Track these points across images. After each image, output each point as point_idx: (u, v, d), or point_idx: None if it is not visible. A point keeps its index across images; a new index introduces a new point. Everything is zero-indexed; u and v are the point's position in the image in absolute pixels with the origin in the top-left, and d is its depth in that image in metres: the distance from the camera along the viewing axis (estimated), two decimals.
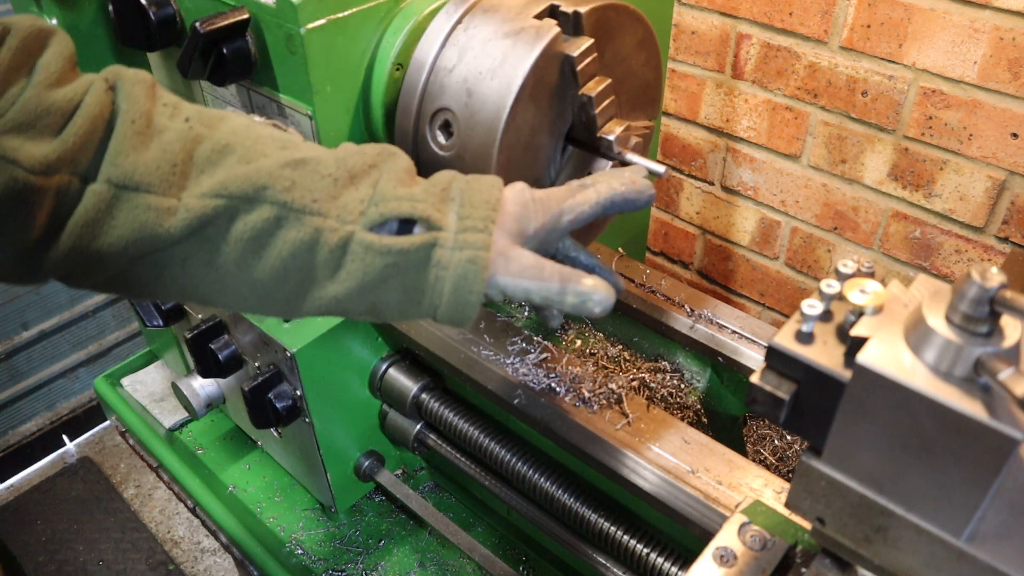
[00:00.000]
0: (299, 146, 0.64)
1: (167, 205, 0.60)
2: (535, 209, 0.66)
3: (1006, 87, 1.20)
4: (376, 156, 0.65)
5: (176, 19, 0.96)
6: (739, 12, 1.44)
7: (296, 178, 0.61)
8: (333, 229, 0.61)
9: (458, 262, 0.61)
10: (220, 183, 0.60)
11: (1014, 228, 1.30)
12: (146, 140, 0.60)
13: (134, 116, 0.60)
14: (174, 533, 2.50)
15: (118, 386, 1.49)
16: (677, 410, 1.12)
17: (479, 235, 0.62)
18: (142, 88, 0.62)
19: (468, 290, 0.62)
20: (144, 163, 0.59)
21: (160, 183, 0.59)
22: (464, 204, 0.63)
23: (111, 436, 2.82)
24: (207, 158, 0.61)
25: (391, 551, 1.21)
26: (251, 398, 1.06)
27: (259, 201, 0.60)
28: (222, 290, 0.63)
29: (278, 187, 0.61)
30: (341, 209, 0.61)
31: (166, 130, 0.61)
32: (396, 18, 0.92)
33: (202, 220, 0.60)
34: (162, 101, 0.63)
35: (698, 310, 1.09)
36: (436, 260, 0.61)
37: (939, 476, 0.48)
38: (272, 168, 0.61)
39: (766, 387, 0.54)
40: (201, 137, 0.62)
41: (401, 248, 0.61)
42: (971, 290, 0.45)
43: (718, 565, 0.70)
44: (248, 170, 0.61)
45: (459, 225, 0.62)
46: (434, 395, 1.13)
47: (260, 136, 0.64)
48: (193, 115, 0.63)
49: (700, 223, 1.74)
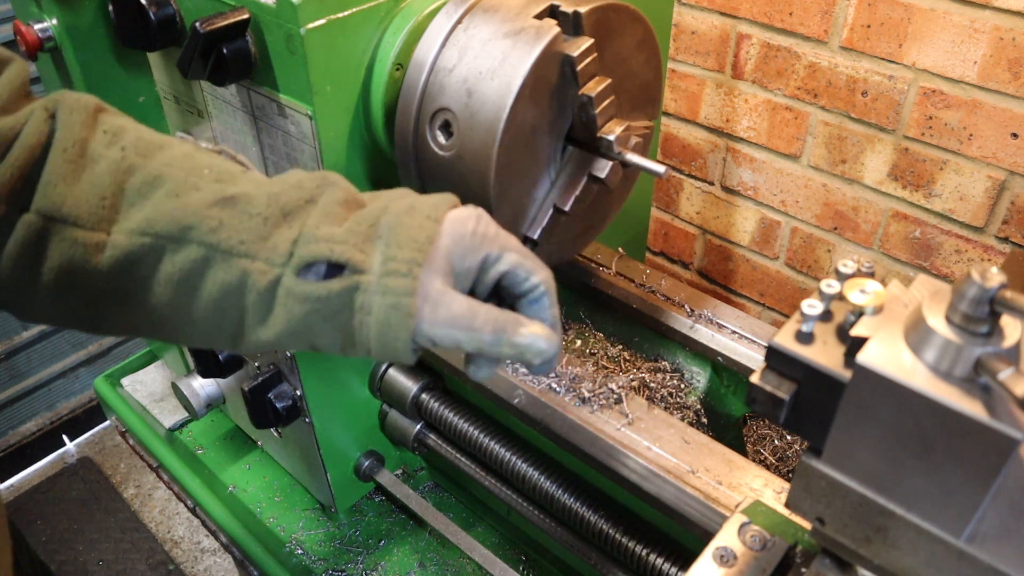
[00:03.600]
0: (236, 179, 0.61)
1: (95, 240, 0.58)
2: (472, 244, 0.60)
3: (1006, 87, 1.20)
4: (314, 190, 0.60)
5: (176, 19, 0.96)
6: (739, 12, 1.44)
7: (224, 217, 0.58)
8: (262, 272, 0.58)
9: (380, 307, 0.57)
10: (147, 220, 0.58)
11: (1014, 228, 1.30)
12: (77, 170, 0.58)
13: (66, 145, 0.58)
14: (174, 533, 2.50)
15: (118, 386, 1.49)
16: (677, 410, 1.12)
17: (402, 280, 0.57)
18: (80, 115, 0.60)
19: (394, 337, 0.57)
20: (73, 195, 0.57)
21: (89, 216, 0.58)
22: (390, 243, 0.58)
23: (111, 436, 2.82)
24: (137, 190, 0.59)
25: (391, 551, 1.21)
26: (251, 398, 1.06)
27: (186, 241, 0.58)
28: (165, 329, 0.62)
29: (204, 227, 0.58)
30: (270, 251, 0.58)
31: (100, 159, 0.59)
32: (396, 18, 0.92)
33: (129, 258, 0.58)
34: (102, 128, 0.61)
35: (698, 310, 1.09)
36: (359, 305, 0.57)
37: (939, 476, 0.48)
38: (199, 207, 0.58)
39: (766, 387, 0.54)
40: (133, 168, 0.59)
41: (319, 296, 0.57)
42: (971, 290, 0.45)
43: (718, 565, 0.70)
44: (176, 206, 0.58)
45: (383, 268, 0.57)
46: (434, 395, 1.13)
47: (196, 166, 0.61)
48: (131, 144, 0.60)
49: (700, 223, 1.74)
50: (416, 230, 0.58)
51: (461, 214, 0.61)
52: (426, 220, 0.59)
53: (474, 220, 0.61)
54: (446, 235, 0.59)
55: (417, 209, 0.59)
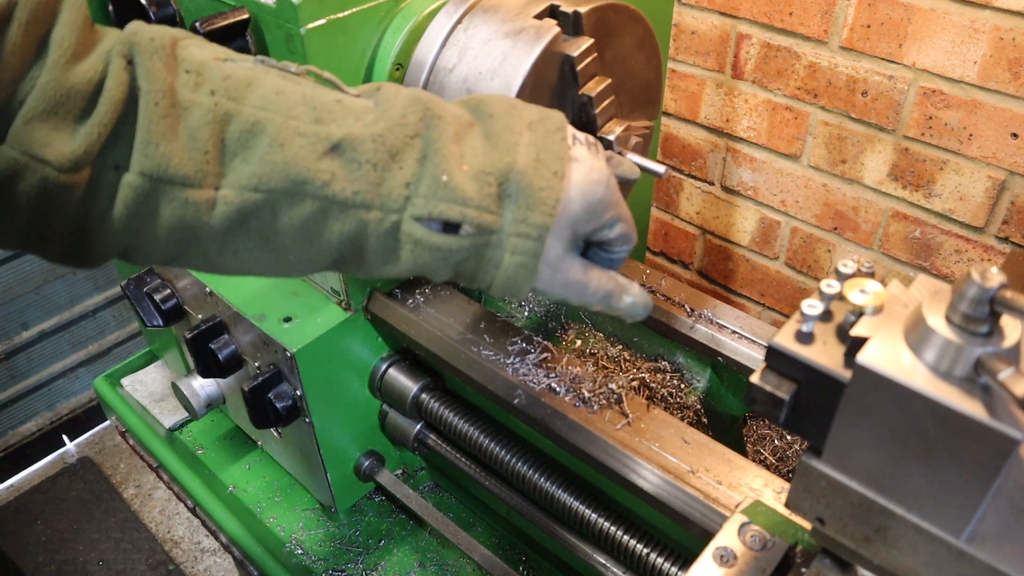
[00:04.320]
0: (335, 114, 0.60)
1: (205, 197, 0.58)
2: (597, 211, 0.63)
3: (1006, 87, 1.20)
4: (417, 124, 0.60)
5: (176, 19, 0.96)
6: (739, 12, 1.44)
7: (335, 169, 0.58)
8: (379, 220, 0.59)
9: (508, 263, 0.61)
10: (256, 175, 0.58)
11: (1014, 228, 1.30)
12: (173, 124, 0.57)
13: (157, 97, 0.56)
14: (174, 533, 2.50)
15: (118, 386, 1.50)
16: (677, 410, 1.12)
17: (532, 243, 0.60)
18: (160, 59, 0.57)
19: (516, 288, 0.62)
20: (176, 153, 0.57)
21: (195, 174, 0.57)
22: (520, 204, 0.60)
23: (111, 436, 2.82)
24: (238, 139, 0.58)
25: (391, 551, 1.21)
26: (251, 398, 1.06)
27: (300, 195, 0.58)
28: (283, 269, 0.63)
29: (318, 181, 0.58)
30: (385, 197, 0.59)
31: (192, 108, 0.57)
32: (396, 18, 0.92)
33: (243, 213, 0.58)
34: (184, 67, 0.58)
35: (698, 310, 1.09)
36: (487, 258, 0.61)
37: (939, 476, 0.48)
38: (309, 160, 0.58)
39: (766, 387, 0.54)
40: (229, 115, 0.58)
41: (450, 248, 0.60)
42: (971, 290, 0.45)
43: (718, 565, 0.70)
44: (284, 159, 0.58)
45: (513, 228, 0.60)
46: (434, 395, 1.13)
47: (291, 105, 0.59)
48: (219, 85, 0.58)
49: (700, 223, 1.74)
50: (545, 191, 0.60)
51: (592, 176, 0.63)
52: (553, 177, 0.60)
53: (603, 187, 0.63)
54: (576, 200, 0.61)
55: (543, 162, 0.61)
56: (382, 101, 0.61)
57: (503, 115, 0.63)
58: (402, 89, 0.63)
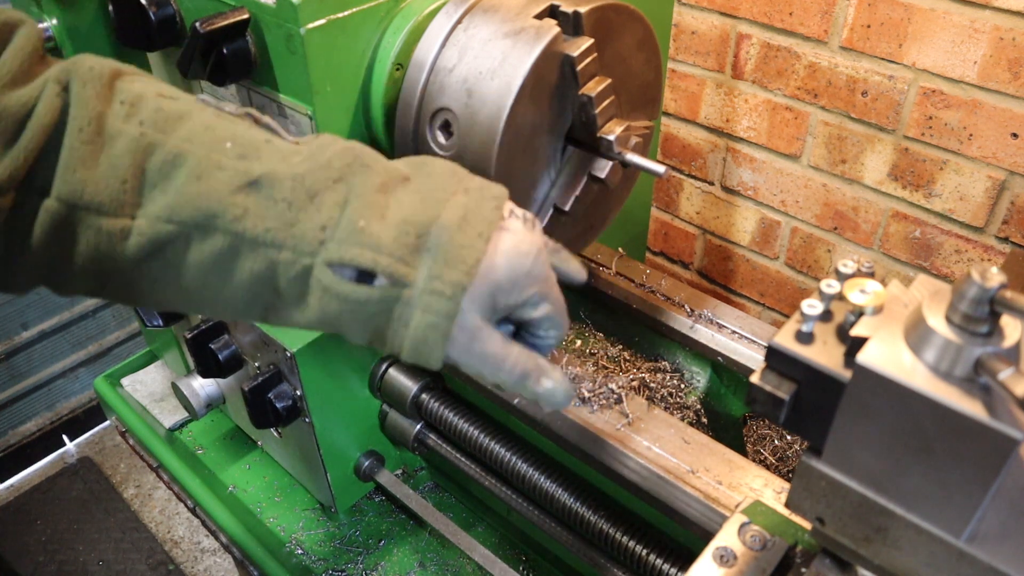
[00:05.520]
0: (261, 152, 0.58)
1: (120, 226, 0.56)
2: (523, 284, 0.60)
3: (1006, 87, 1.20)
4: (343, 168, 0.58)
5: (176, 19, 0.96)
6: (739, 12, 1.44)
7: (249, 204, 0.56)
8: (289, 261, 0.57)
9: (419, 323, 0.57)
10: (170, 206, 0.56)
11: (1014, 228, 1.30)
12: (95, 151, 0.56)
13: (82, 123, 0.56)
14: (174, 533, 2.50)
15: (118, 386, 1.49)
16: (677, 410, 1.12)
17: (445, 303, 0.56)
18: (94, 87, 0.56)
19: (427, 352, 0.58)
20: (94, 180, 0.56)
21: (111, 202, 0.56)
22: (438, 259, 0.56)
23: (111, 436, 2.82)
24: (158, 170, 0.57)
25: (391, 551, 1.21)
26: (251, 398, 1.06)
27: (211, 229, 0.57)
28: (200, 306, 0.62)
29: (229, 216, 0.56)
30: (298, 239, 0.57)
31: (118, 136, 0.56)
32: (396, 18, 0.92)
33: (155, 244, 0.57)
34: (119, 98, 0.58)
35: (698, 310, 1.09)
36: (397, 315, 0.57)
37: (939, 476, 0.48)
38: (223, 193, 0.56)
39: (766, 387, 0.54)
40: (153, 146, 0.57)
41: (357, 299, 0.57)
42: (971, 290, 0.45)
43: (718, 565, 0.70)
44: (199, 191, 0.56)
45: (427, 285, 0.56)
46: (434, 395, 1.13)
47: (218, 140, 0.58)
48: (149, 117, 0.57)
49: (700, 223, 1.74)
50: (466, 249, 0.56)
51: (522, 247, 0.59)
52: (477, 238, 0.57)
53: (531, 260, 0.60)
54: (500, 268, 0.58)
55: (470, 222, 0.57)
56: (315, 146, 0.60)
57: (441, 176, 0.60)
58: (340, 140, 0.61)
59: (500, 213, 0.59)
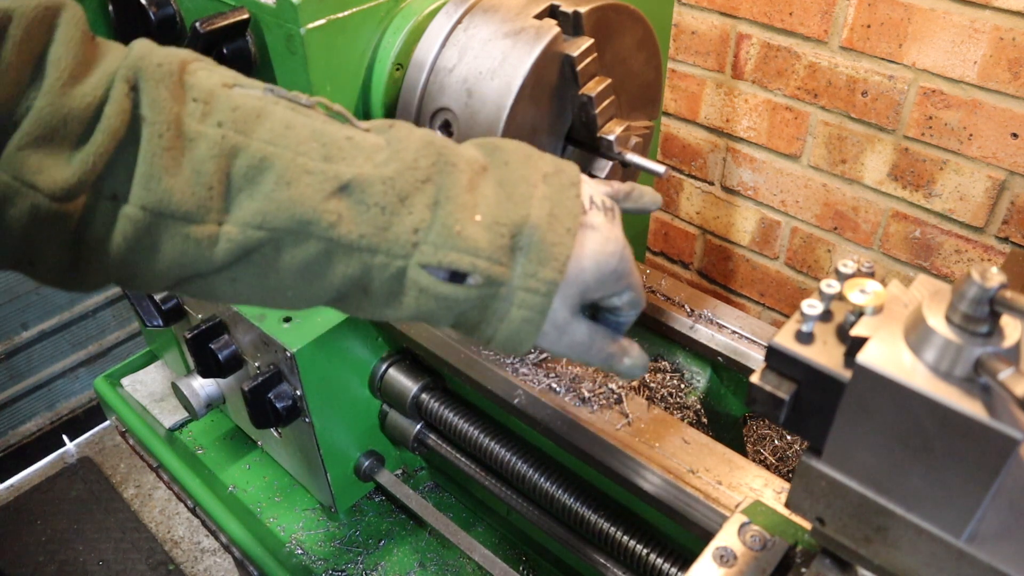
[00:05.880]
0: (344, 153, 0.58)
1: (207, 233, 0.56)
2: (608, 281, 0.63)
3: (1006, 87, 1.20)
4: (429, 168, 0.59)
5: (176, 19, 0.96)
6: (739, 12, 1.44)
7: (342, 211, 0.57)
8: (383, 264, 0.58)
9: (514, 318, 0.60)
10: (261, 213, 0.56)
11: (1014, 228, 1.30)
12: (177, 156, 0.55)
13: (161, 129, 0.54)
14: (174, 533, 2.50)
15: (118, 386, 1.50)
16: (677, 410, 1.12)
17: (540, 299, 0.60)
18: (167, 87, 0.55)
19: (517, 343, 0.62)
20: (179, 188, 0.54)
21: (198, 210, 0.55)
22: (531, 259, 0.59)
23: (111, 436, 2.82)
24: (244, 175, 0.56)
25: (391, 551, 1.21)
26: (251, 398, 1.06)
27: (305, 235, 0.57)
28: (279, 303, 0.62)
29: (323, 223, 0.56)
30: (391, 243, 0.58)
31: (198, 139, 0.55)
32: (396, 18, 0.92)
33: (245, 249, 0.57)
34: (192, 95, 0.56)
35: (698, 310, 1.09)
36: (493, 310, 0.61)
37: (939, 476, 0.48)
38: (315, 200, 0.56)
39: (766, 387, 0.54)
40: (236, 149, 0.56)
41: (456, 298, 0.59)
42: (971, 290, 0.45)
43: (718, 565, 0.70)
44: (290, 197, 0.56)
45: (522, 282, 0.59)
46: (434, 395, 1.13)
47: (300, 140, 0.58)
48: (227, 116, 0.56)
49: (700, 223, 1.74)
50: (557, 247, 0.59)
51: (608, 247, 0.62)
52: (566, 234, 0.60)
53: (617, 259, 0.63)
54: (588, 271, 0.61)
55: (557, 218, 0.60)
56: (394, 140, 0.60)
57: (519, 164, 0.62)
58: (415, 129, 0.61)
59: (581, 203, 0.62)
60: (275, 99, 0.60)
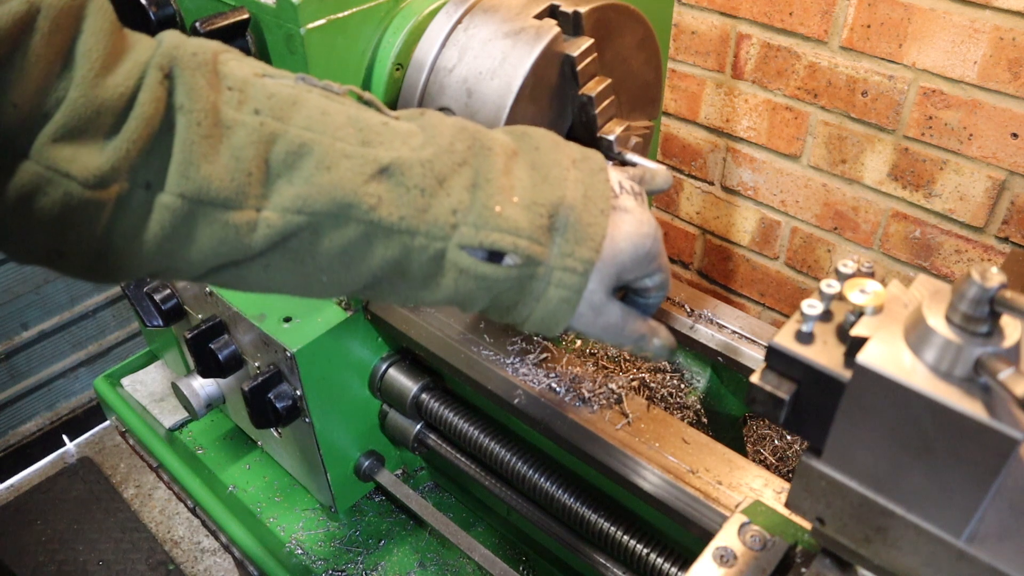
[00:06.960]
0: (382, 137, 0.58)
1: (246, 219, 0.56)
2: (643, 262, 0.65)
3: (1006, 87, 1.20)
4: (466, 152, 0.60)
5: (176, 19, 0.96)
6: (739, 12, 1.44)
7: (381, 193, 0.57)
8: (422, 246, 0.59)
9: (552, 297, 0.61)
10: (301, 198, 0.56)
11: (1014, 228, 1.30)
12: (215, 144, 0.54)
13: (199, 117, 0.54)
14: (174, 533, 2.50)
15: (118, 386, 1.49)
16: (677, 410, 1.12)
17: (577, 278, 0.61)
18: (203, 76, 0.55)
19: (553, 323, 0.63)
20: (217, 175, 0.54)
21: (237, 196, 0.55)
22: (568, 238, 0.61)
23: (111, 436, 2.82)
24: (283, 161, 0.56)
25: (391, 551, 1.21)
26: (251, 398, 1.06)
27: (345, 219, 0.57)
28: (312, 290, 0.62)
29: (363, 206, 0.57)
30: (431, 224, 0.58)
31: (235, 127, 0.55)
32: (396, 18, 0.92)
33: (284, 235, 0.57)
34: (227, 83, 0.56)
35: (698, 310, 1.09)
36: (530, 289, 0.61)
37: (939, 476, 0.48)
38: (355, 183, 0.57)
39: (766, 387, 0.54)
40: (275, 136, 0.56)
41: (496, 277, 0.60)
42: (971, 290, 0.45)
43: (718, 565, 0.70)
44: (330, 181, 0.56)
45: (559, 262, 0.61)
46: (434, 395, 1.13)
47: (337, 125, 0.58)
48: (263, 104, 0.56)
49: (700, 223, 1.74)
50: (592, 227, 0.61)
51: (643, 229, 0.64)
52: (600, 215, 0.61)
53: (651, 240, 0.65)
54: (625, 252, 0.63)
55: (591, 199, 0.62)
56: (427, 126, 0.61)
57: (549, 149, 0.63)
58: (446, 117, 0.62)
59: (611, 186, 0.64)
60: (308, 87, 0.60)
